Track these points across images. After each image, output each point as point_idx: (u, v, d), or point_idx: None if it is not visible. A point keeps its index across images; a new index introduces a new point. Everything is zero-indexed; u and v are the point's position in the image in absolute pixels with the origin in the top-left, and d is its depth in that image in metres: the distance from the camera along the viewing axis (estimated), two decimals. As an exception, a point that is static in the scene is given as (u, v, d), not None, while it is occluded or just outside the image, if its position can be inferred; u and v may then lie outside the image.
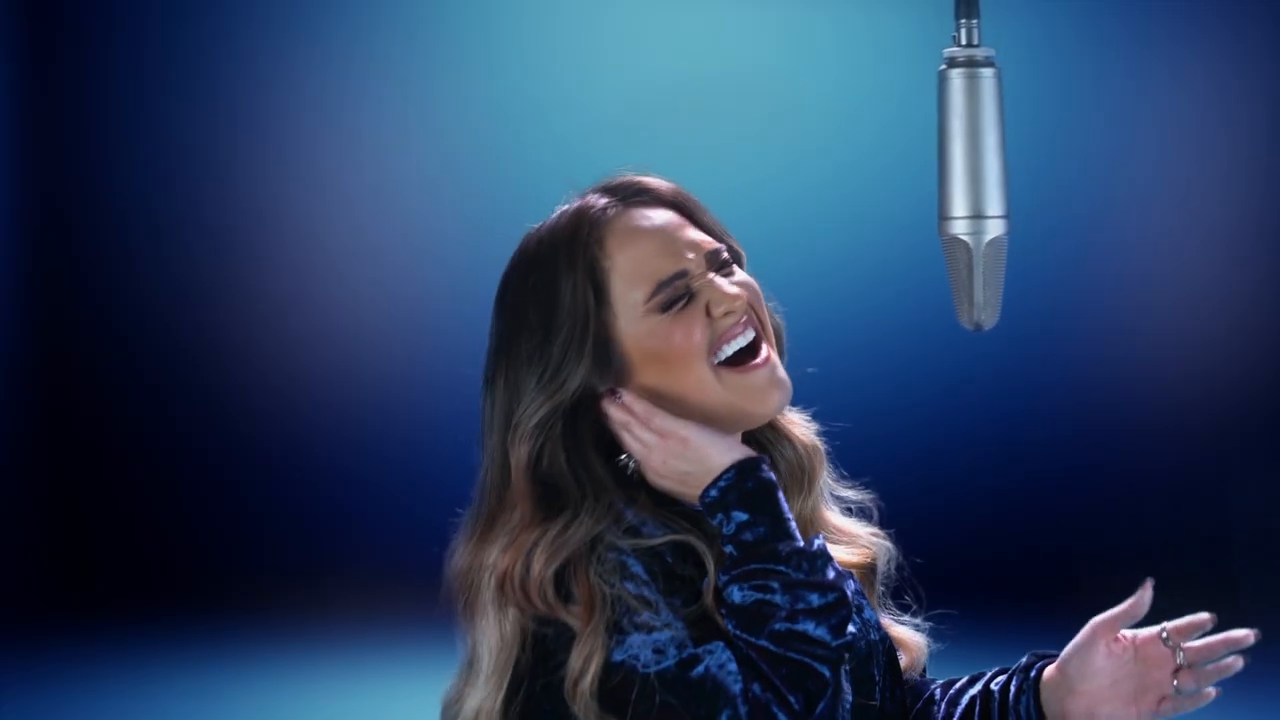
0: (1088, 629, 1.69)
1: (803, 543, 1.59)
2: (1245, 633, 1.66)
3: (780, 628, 1.54)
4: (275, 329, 6.75)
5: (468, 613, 1.62)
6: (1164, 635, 1.68)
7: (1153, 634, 1.68)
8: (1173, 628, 1.68)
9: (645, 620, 1.54)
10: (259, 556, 6.43)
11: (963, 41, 1.58)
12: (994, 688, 1.76)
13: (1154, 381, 6.31)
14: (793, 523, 1.60)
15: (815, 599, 1.56)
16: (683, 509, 1.64)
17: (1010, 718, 1.74)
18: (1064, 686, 1.71)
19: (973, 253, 1.57)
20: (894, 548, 1.79)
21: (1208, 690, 1.68)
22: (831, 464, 1.78)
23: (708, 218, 1.72)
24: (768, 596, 1.55)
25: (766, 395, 1.66)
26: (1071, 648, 1.70)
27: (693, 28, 6.59)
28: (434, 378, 6.01)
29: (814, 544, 1.60)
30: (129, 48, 6.75)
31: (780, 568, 1.57)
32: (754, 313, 1.68)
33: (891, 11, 6.38)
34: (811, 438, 1.76)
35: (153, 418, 6.73)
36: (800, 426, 1.76)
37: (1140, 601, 1.66)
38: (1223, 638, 1.67)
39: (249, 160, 6.75)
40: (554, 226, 1.68)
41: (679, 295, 1.64)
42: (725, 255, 1.69)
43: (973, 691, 1.78)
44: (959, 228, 1.58)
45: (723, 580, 1.58)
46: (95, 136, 6.78)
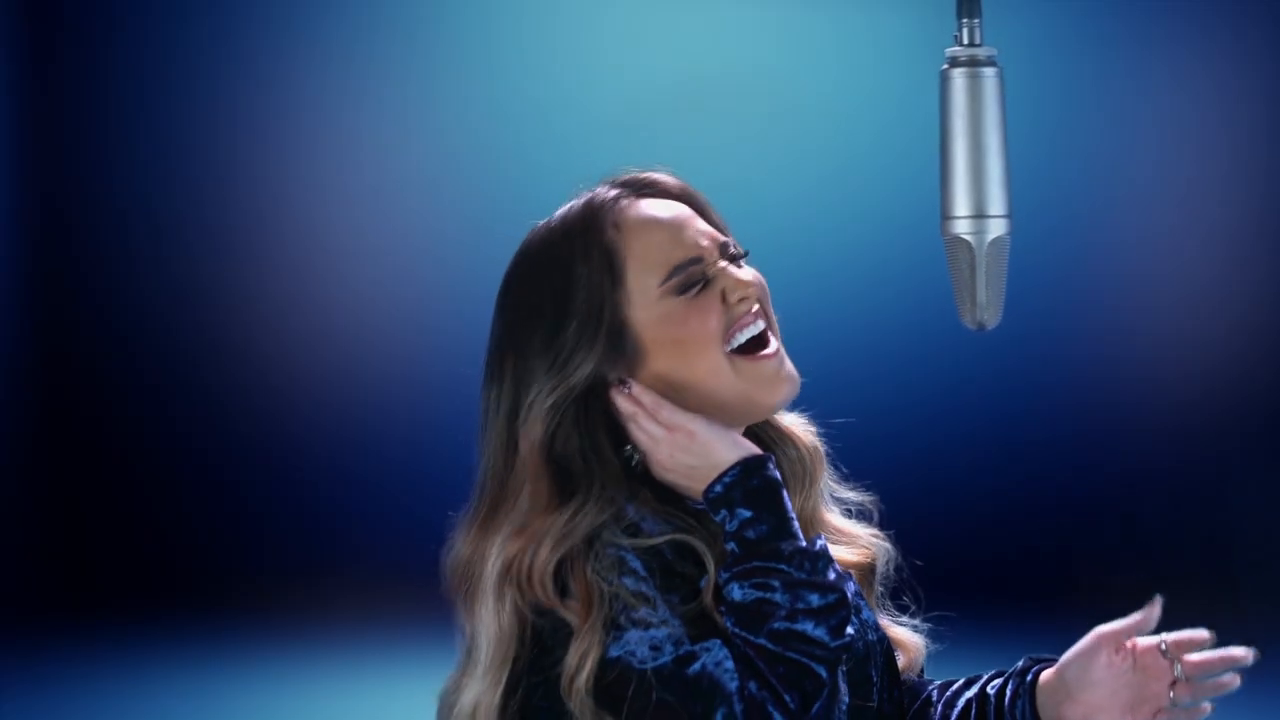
0: (1091, 638, 1.69)
1: (805, 543, 1.59)
2: (1245, 652, 1.66)
3: (779, 626, 1.54)
4: (275, 329, 6.74)
5: (467, 602, 1.61)
6: (1163, 647, 1.67)
7: (1152, 645, 1.68)
8: (1172, 641, 1.67)
9: (642, 616, 1.53)
10: (259, 556, 6.43)
11: (965, 41, 1.58)
12: (990, 691, 1.76)
13: (1154, 381, 6.31)
14: (796, 522, 1.60)
15: (815, 599, 1.56)
16: (685, 505, 1.64)
17: None
18: (1061, 692, 1.71)
19: (975, 252, 1.57)
20: (893, 549, 1.79)
21: (1203, 705, 1.68)
22: (832, 465, 1.78)
23: (714, 215, 1.73)
24: (768, 595, 1.55)
25: (777, 386, 1.66)
26: (1072, 654, 1.70)
27: (693, 28, 6.59)
28: (434, 378, 6.01)
29: (816, 544, 1.59)
30: (129, 48, 6.75)
31: (782, 566, 1.56)
32: (763, 305, 1.68)
33: (892, 11, 6.37)
34: (813, 439, 1.76)
35: (153, 418, 6.73)
36: (801, 427, 1.76)
37: (1148, 617, 1.66)
38: (1222, 654, 1.67)
39: (249, 160, 6.75)
40: (564, 216, 1.68)
41: (695, 280, 1.64)
42: (733, 249, 1.69)
43: (969, 694, 1.78)
44: (961, 227, 1.57)
45: (723, 577, 1.57)
46: (95, 136, 6.78)
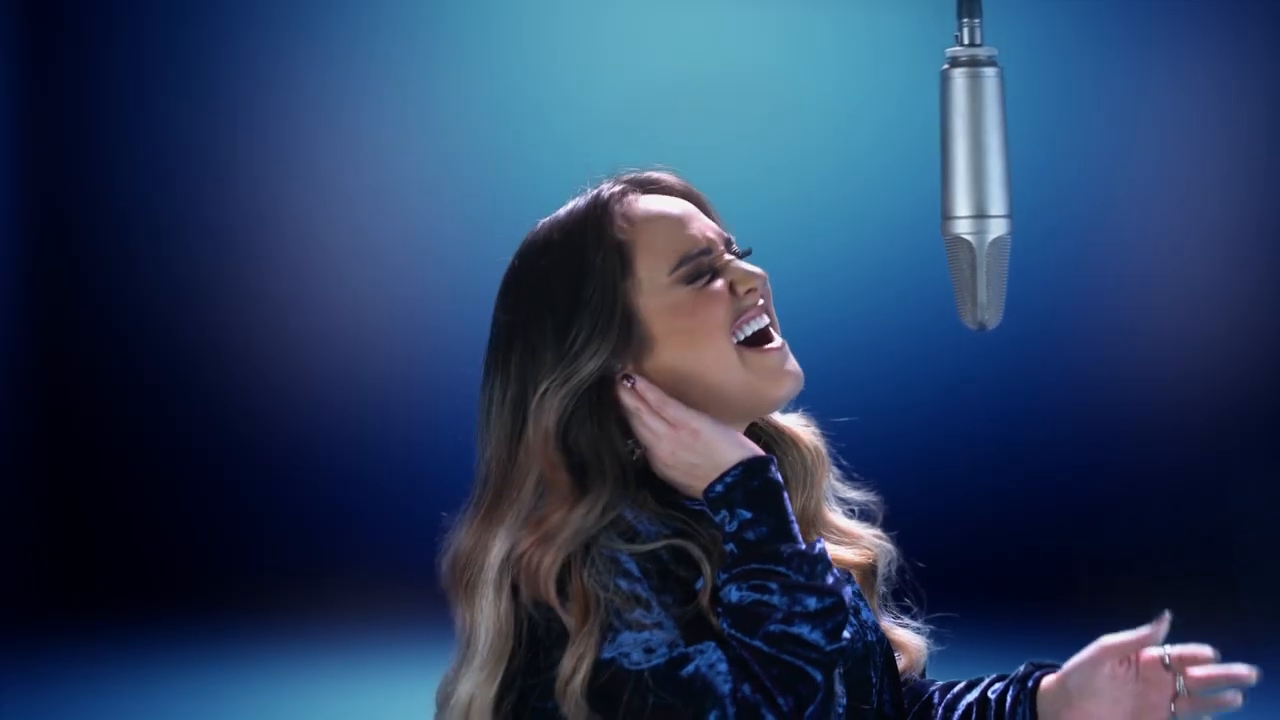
0: (1096, 648, 1.69)
1: (805, 545, 1.59)
2: (1248, 671, 1.65)
3: (775, 629, 1.54)
4: (275, 329, 6.75)
5: (467, 593, 1.60)
6: (1166, 660, 1.67)
7: (1155, 657, 1.68)
8: (1176, 654, 1.67)
9: (636, 618, 1.53)
10: (259, 556, 6.43)
11: (965, 41, 1.58)
12: (991, 695, 1.76)
13: (1154, 381, 6.31)
14: (796, 525, 1.60)
15: (813, 603, 1.55)
16: (684, 506, 1.64)
17: None
18: (1063, 699, 1.71)
19: (976, 252, 1.57)
20: (895, 549, 1.79)
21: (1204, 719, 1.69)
22: (835, 463, 1.78)
23: (715, 214, 1.73)
24: (765, 597, 1.55)
25: (782, 379, 1.66)
26: (1075, 663, 1.70)
27: (693, 28, 6.59)
28: (434, 378, 6.00)
29: (815, 547, 1.59)
30: (129, 48, 6.75)
31: (780, 569, 1.56)
32: (767, 301, 1.69)
33: (892, 11, 6.37)
34: (814, 439, 1.76)
35: (153, 418, 6.73)
36: (802, 427, 1.77)
37: (1155, 632, 1.65)
38: (1225, 671, 1.66)
39: (249, 160, 6.75)
40: (571, 210, 1.68)
41: (703, 271, 1.65)
42: (735, 247, 1.70)
43: (969, 698, 1.78)
44: (962, 227, 1.57)
45: (721, 579, 1.57)
46: (95, 136, 6.78)
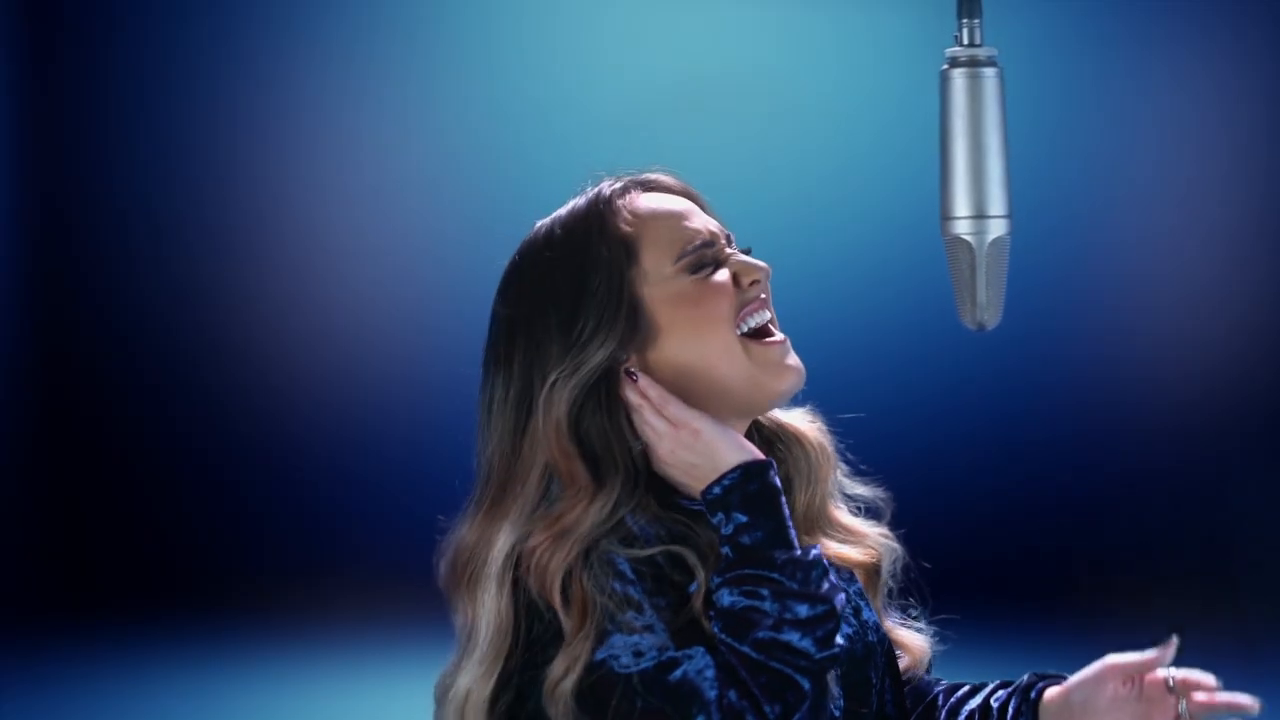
0: (1101, 665, 1.69)
1: (800, 551, 1.58)
2: (1251, 701, 1.65)
3: (763, 636, 1.54)
4: (275, 329, 6.74)
5: (469, 588, 1.60)
6: (1170, 683, 1.67)
7: (1160, 679, 1.68)
8: (1180, 678, 1.67)
9: (628, 620, 1.53)
10: (259, 556, 6.43)
11: (965, 41, 1.58)
12: (994, 703, 1.77)
13: (1154, 381, 6.31)
14: (793, 530, 1.59)
15: (804, 610, 1.55)
16: (683, 506, 1.64)
17: None
18: (1065, 713, 1.71)
19: (975, 252, 1.57)
20: (900, 548, 1.79)
21: None
22: (843, 459, 1.79)
23: (714, 214, 1.73)
24: (756, 603, 1.55)
25: (785, 373, 1.66)
26: (1080, 679, 1.71)
27: (693, 28, 6.59)
28: (434, 378, 6.00)
29: (810, 553, 1.59)
30: (129, 48, 6.75)
31: (773, 575, 1.56)
32: (768, 296, 1.69)
33: (892, 11, 6.37)
34: (819, 436, 1.76)
35: (153, 418, 6.73)
36: (808, 424, 1.77)
37: (1162, 656, 1.66)
38: (1228, 700, 1.66)
39: (249, 160, 6.75)
40: (573, 208, 1.69)
41: (707, 262, 1.66)
42: (735, 244, 1.70)
43: (972, 704, 1.78)
44: (961, 227, 1.57)
45: (715, 582, 1.57)
46: (95, 136, 6.78)
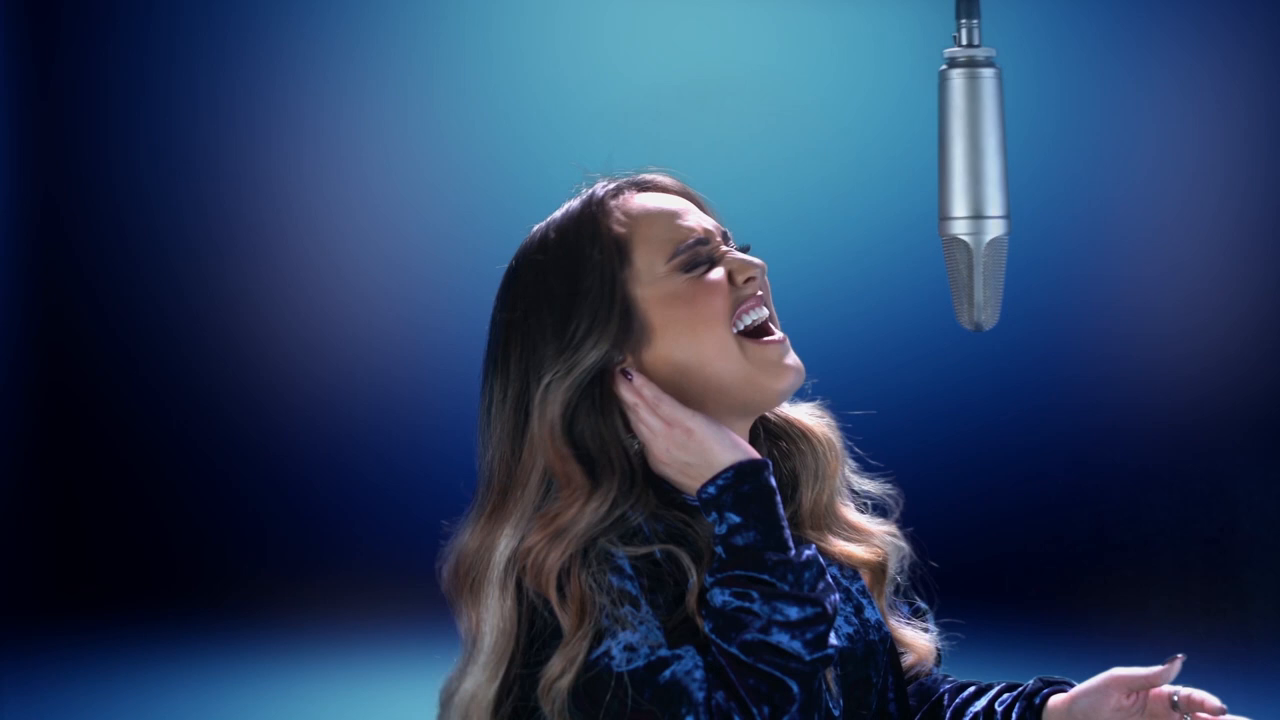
0: (1105, 677, 1.70)
1: (794, 552, 1.58)
2: None
3: (752, 638, 1.54)
4: (276, 329, 6.74)
5: (473, 593, 1.61)
6: (1175, 699, 1.67)
7: (1164, 694, 1.68)
8: (1185, 696, 1.67)
9: (624, 615, 1.54)
10: (259, 556, 6.43)
11: (963, 41, 1.58)
12: (998, 708, 1.77)
13: (1154, 381, 6.31)
14: (787, 531, 1.59)
15: (794, 612, 1.55)
16: (682, 503, 1.64)
17: None
18: None
19: (973, 253, 1.57)
20: (907, 547, 1.79)
21: None
22: (851, 455, 1.78)
23: (712, 212, 1.73)
24: (746, 605, 1.55)
25: (783, 372, 1.66)
26: (1084, 689, 1.71)
27: (693, 28, 6.59)
28: (434, 378, 6.02)
29: (804, 555, 1.58)
30: (129, 48, 6.75)
31: (764, 576, 1.56)
32: (765, 293, 1.69)
33: (891, 12, 6.37)
34: (826, 431, 1.76)
35: (153, 418, 6.73)
36: (815, 420, 1.77)
37: (1167, 672, 1.66)
38: None
39: (249, 160, 6.75)
40: (566, 210, 1.69)
41: (701, 260, 1.65)
42: (733, 241, 1.70)
43: (976, 707, 1.78)
44: (959, 228, 1.58)
45: (708, 581, 1.57)
46: (95, 136, 6.78)
